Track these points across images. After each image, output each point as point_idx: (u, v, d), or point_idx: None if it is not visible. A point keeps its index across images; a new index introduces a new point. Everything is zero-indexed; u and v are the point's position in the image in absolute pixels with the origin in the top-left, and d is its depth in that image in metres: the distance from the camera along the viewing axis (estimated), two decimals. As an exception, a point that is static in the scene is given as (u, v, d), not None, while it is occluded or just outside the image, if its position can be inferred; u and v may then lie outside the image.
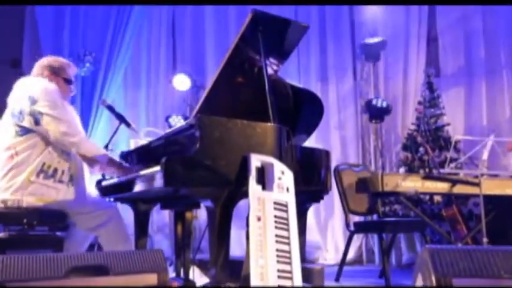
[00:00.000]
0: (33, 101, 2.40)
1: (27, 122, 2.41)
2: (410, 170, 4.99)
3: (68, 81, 2.70)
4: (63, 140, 2.40)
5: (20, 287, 1.37)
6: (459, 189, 3.47)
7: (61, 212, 2.44)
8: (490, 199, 3.61)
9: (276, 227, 1.92)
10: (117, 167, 2.56)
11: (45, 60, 2.68)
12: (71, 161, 2.53)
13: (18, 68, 5.63)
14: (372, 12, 5.84)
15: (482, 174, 3.33)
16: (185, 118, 5.78)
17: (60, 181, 2.46)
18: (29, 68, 2.72)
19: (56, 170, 2.45)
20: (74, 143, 2.41)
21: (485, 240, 3.21)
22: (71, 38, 5.94)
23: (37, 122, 2.40)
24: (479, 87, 5.51)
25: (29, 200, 2.36)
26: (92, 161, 2.54)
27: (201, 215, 4.92)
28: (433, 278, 1.34)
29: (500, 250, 1.41)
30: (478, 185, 3.32)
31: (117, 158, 2.77)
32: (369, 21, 5.88)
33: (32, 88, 2.46)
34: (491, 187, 3.50)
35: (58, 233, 2.50)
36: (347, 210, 3.84)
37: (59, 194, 2.44)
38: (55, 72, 2.64)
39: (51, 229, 2.45)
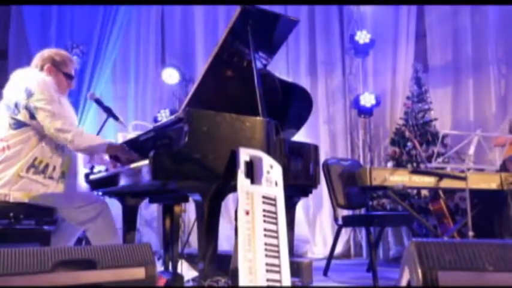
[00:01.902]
0: (30, 94, 2.36)
1: (22, 116, 2.38)
2: (398, 165, 5.03)
3: (68, 76, 2.65)
4: (58, 136, 2.37)
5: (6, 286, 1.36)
6: (446, 183, 3.50)
7: (49, 206, 2.42)
8: (476, 193, 3.65)
9: (265, 221, 1.92)
10: (120, 150, 2.48)
11: (47, 52, 2.62)
12: (65, 157, 2.50)
13: (4, 60, 5.54)
14: (361, 8, 5.86)
15: (468, 169, 3.36)
16: (174, 112, 5.75)
17: (51, 177, 2.43)
18: (15, 60, 2.67)
19: (47, 166, 2.42)
20: (68, 140, 2.36)
21: (470, 233, 3.25)
22: (58, 29, 5.85)
23: (32, 116, 2.37)
24: (467, 83, 5.56)
25: (16, 196, 2.33)
26: (89, 153, 2.54)
27: (189, 209, 4.92)
28: (419, 271, 1.35)
29: (485, 243, 1.43)
30: (464, 179, 3.35)
31: None
32: (358, 16, 5.90)
33: (29, 81, 2.41)
34: (477, 181, 3.54)
35: (45, 227, 2.47)
36: (335, 204, 3.86)
37: (47, 190, 2.41)
38: (56, 66, 2.59)
39: (38, 223, 2.43)
